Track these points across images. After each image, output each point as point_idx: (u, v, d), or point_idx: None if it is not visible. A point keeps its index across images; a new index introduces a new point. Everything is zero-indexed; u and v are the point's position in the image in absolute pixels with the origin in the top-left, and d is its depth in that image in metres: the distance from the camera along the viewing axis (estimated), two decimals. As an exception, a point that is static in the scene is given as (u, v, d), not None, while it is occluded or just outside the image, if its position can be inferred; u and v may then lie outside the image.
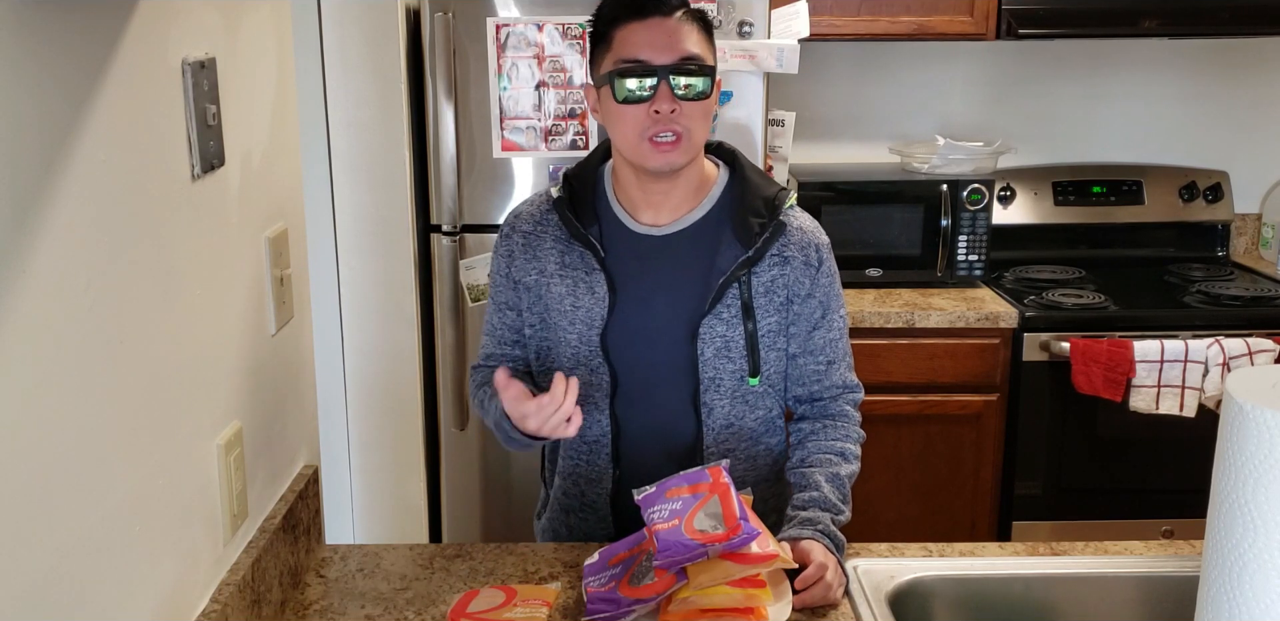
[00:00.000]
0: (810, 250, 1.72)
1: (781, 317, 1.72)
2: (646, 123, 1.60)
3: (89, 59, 1.08)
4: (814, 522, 1.61)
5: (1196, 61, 3.54)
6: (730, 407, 1.73)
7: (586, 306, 1.70)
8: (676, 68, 1.59)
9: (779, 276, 1.70)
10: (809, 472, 1.70)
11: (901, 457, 3.04)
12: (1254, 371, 1.15)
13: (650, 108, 1.59)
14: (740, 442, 1.75)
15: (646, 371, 1.72)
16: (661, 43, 1.60)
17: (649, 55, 1.59)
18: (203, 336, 1.35)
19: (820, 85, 3.45)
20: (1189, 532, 2.69)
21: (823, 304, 1.74)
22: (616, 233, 1.71)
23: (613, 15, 1.63)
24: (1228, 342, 2.86)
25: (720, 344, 1.69)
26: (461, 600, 1.51)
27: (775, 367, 1.75)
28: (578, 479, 1.79)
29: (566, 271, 1.71)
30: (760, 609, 1.43)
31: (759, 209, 1.69)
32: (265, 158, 1.57)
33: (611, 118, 1.64)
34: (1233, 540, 1.09)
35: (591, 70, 1.68)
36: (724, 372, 1.71)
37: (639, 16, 1.60)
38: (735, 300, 1.68)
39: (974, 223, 3.11)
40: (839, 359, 1.78)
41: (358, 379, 2.82)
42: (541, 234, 1.74)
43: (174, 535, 1.26)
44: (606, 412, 1.73)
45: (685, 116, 1.60)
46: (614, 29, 1.62)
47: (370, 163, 2.71)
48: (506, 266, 1.76)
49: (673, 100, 1.59)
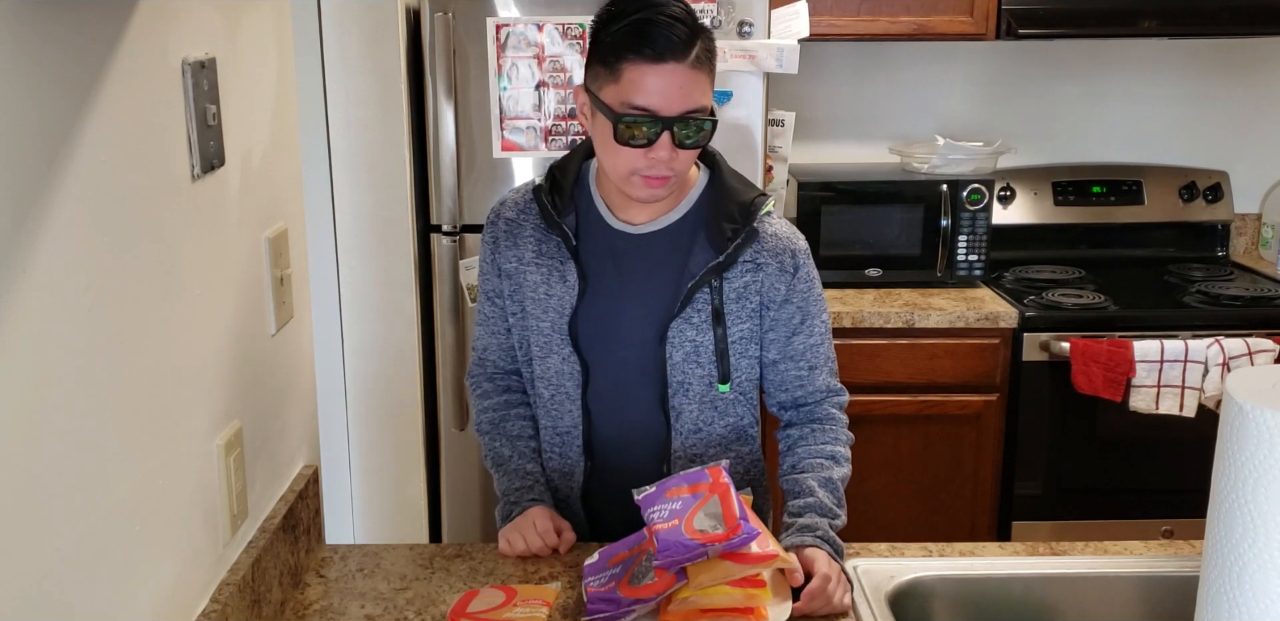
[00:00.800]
0: (785, 256, 1.70)
1: (754, 324, 1.71)
2: (640, 163, 1.58)
3: (89, 59, 1.08)
4: (813, 529, 1.61)
5: (1196, 61, 3.54)
6: (699, 413, 1.73)
7: (558, 294, 1.70)
8: (683, 120, 1.55)
9: (751, 283, 1.69)
10: (801, 478, 1.69)
11: (901, 457, 3.04)
12: (1254, 371, 1.15)
13: (648, 153, 1.57)
14: (709, 448, 1.75)
15: (617, 369, 1.72)
16: (674, 93, 1.54)
17: (658, 105, 1.54)
18: (203, 336, 1.35)
19: (820, 85, 3.44)
20: (1189, 532, 2.69)
21: (801, 309, 1.72)
22: (593, 226, 1.72)
23: (628, 49, 1.54)
24: (1228, 342, 2.86)
25: (690, 348, 1.69)
26: (461, 600, 1.51)
27: (747, 375, 1.74)
28: (550, 472, 1.79)
29: (542, 259, 1.72)
30: (760, 609, 1.43)
31: (733, 214, 1.68)
32: (265, 158, 1.57)
33: (604, 146, 1.61)
34: (1233, 540, 1.09)
35: (588, 76, 1.63)
36: (693, 377, 1.70)
37: (655, 60, 1.53)
38: (706, 305, 1.68)
39: (974, 223, 3.11)
40: (821, 364, 1.76)
41: (358, 379, 2.82)
42: (523, 222, 1.74)
43: (174, 535, 1.26)
44: (578, 403, 1.73)
45: (679, 162, 1.59)
46: (624, 63, 1.54)
47: (370, 163, 2.71)
48: (492, 254, 1.77)
49: (672, 150, 1.57)
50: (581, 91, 1.64)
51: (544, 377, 1.75)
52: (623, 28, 1.55)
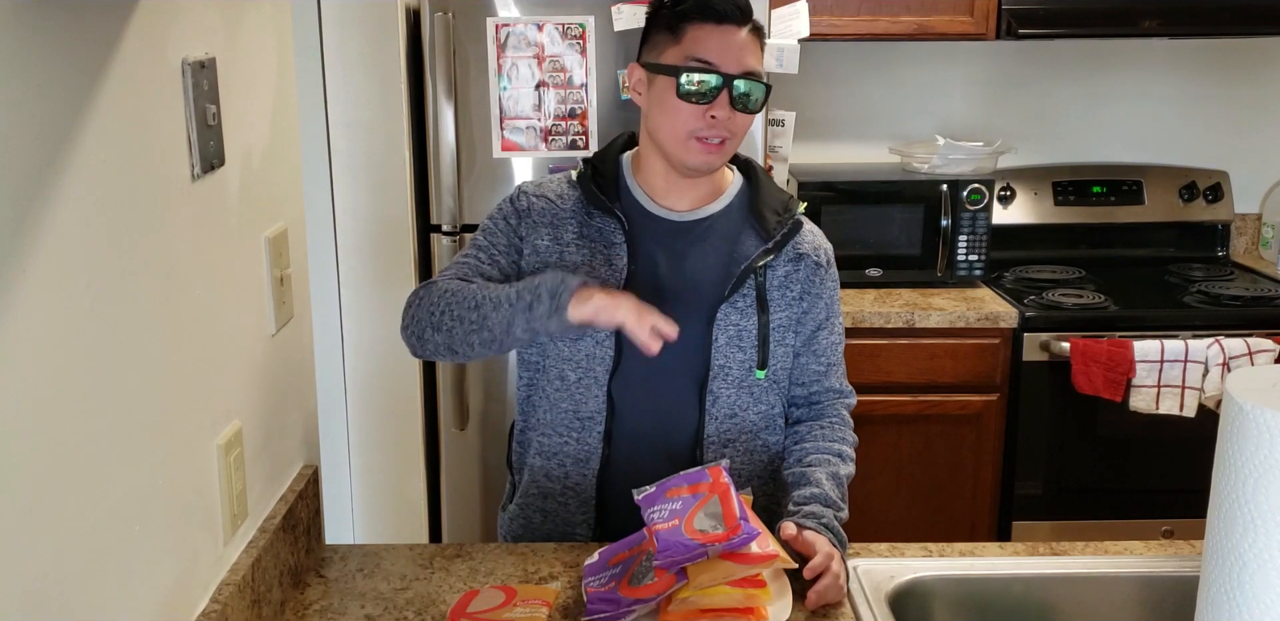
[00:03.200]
0: (820, 252, 1.79)
1: (792, 313, 1.76)
2: (699, 123, 1.64)
3: (89, 59, 1.08)
4: (817, 516, 1.62)
5: (1196, 61, 3.54)
6: (735, 398, 1.74)
7: (603, 276, 1.70)
8: (742, 78, 1.64)
9: (793, 272, 1.75)
10: (808, 471, 1.70)
11: (901, 457, 3.04)
12: (1254, 371, 1.15)
13: (707, 111, 1.64)
14: (741, 435, 1.76)
15: (658, 353, 1.71)
16: (733, 52, 1.64)
17: (719, 60, 1.63)
18: (203, 336, 1.35)
19: (820, 85, 3.44)
20: (1189, 532, 2.69)
21: (828, 306, 1.80)
22: (637, 213, 1.74)
23: (693, 13, 1.65)
24: (1228, 342, 2.86)
25: (734, 332, 1.72)
26: (461, 600, 1.51)
27: (782, 363, 1.77)
28: (563, 459, 1.77)
29: (584, 242, 1.72)
30: (760, 609, 1.43)
31: (776, 208, 1.76)
32: (265, 158, 1.57)
33: (664, 108, 1.66)
34: (1233, 540, 1.09)
35: (646, 52, 1.71)
36: (734, 362, 1.72)
37: (717, 21, 1.64)
38: (751, 290, 1.72)
39: (974, 223, 3.11)
40: (836, 364, 1.83)
41: (358, 379, 2.82)
42: (561, 206, 1.75)
43: (174, 535, 1.26)
44: (604, 388, 1.73)
45: (736, 125, 1.66)
46: (687, 24, 1.65)
47: (370, 163, 2.71)
48: (516, 219, 1.75)
49: (730, 108, 1.64)
50: (636, 68, 1.72)
51: (572, 360, 1.73)
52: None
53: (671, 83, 1.64)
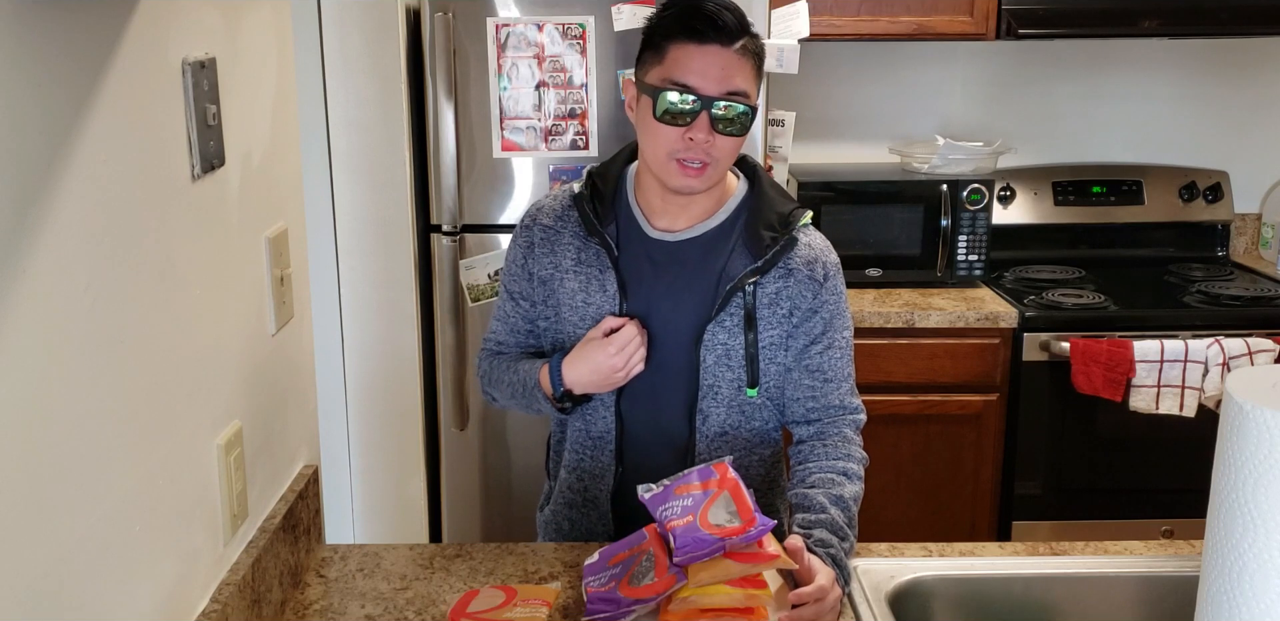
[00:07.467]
0: (816, 266, 1.72)
1: (784, 331, 1.72)
2: (678, 145, 1.60)
3: (89, 59, 1.08)
4: (825, 544, 1.56)
5: (1196, 61, 3.54)
6: (726, 416, 1.73)
7: (597, 303, 1.71)
8: (721, 101, 1.58)
9: (783, 289, 1.70)
10: (811, 493, 1.65)
11: (901, 457, 3.04)
12: (1254, 371, 1.15)
13: (685, 133, 1.59)
14: (733, 452, 1.74)
15: (651, 374, 1.72)
16: (714, 73, 1.58)
17: (698, 82, 1.58)
18: (203, 336, 1.35)
19: (820, 85, 3.44)
20: (1189, 532, 2.69)
21: (825, 320, 1.72)
22: (632, 234, 1.73)
23: (673, 29, 1.60)
24: (1228, 343, 2.86)
25: (721, 351, 1.70)
26: (461, 600, 1.51)
27: (775, 381, 1.74)
28: (582, 474, 1.80)
29: (581, 268, 1.72)
30: (760, 609, 1.43)
31: (772, 223, 1.70)
32: (265, 158, 1.57)
33: (646, 128, 1.64)
34: (1233, 540, 1.09)
35: (637, 68, 1.67)
36: (722, 380, 1.71)
37: (699, 41, 1.58)
38: (739, 309, 1.69)
39: (974, 223, 3.11)
40: (839, 379, 1.75)
41: (358, 379, 2.82)
42: (561, 229, 1.74)
43: (174, 535, 1.26)
44: (612, 409, 1.74)
45: (717, 148, 1.61)
46: (670, 43, 1.60)
47: (370, 163, 2.71)
48: (524, 258, 1.77)
49: (709, 131, 1.59)
50: (630, 85, 1.69)
51: None
52: (671, 12, 1.62)
53: (650, 105, 1.60)
